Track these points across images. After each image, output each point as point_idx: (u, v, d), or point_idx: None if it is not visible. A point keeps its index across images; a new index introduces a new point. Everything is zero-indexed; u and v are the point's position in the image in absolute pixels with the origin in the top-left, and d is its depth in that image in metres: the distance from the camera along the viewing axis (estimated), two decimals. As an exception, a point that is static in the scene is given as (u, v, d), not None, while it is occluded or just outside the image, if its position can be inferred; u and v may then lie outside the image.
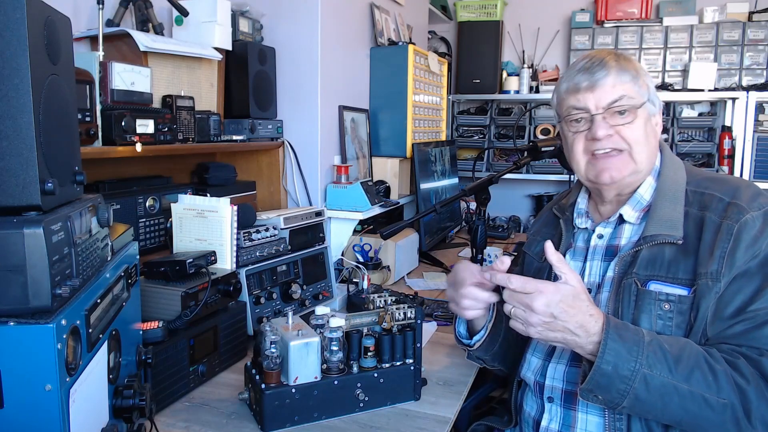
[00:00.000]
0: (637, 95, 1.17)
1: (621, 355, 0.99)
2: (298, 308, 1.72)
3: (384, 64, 2.50)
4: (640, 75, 1.18)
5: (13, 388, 0.70)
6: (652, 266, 1.12)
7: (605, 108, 1.16)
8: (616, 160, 1.18)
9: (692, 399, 0.99)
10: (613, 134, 1.16)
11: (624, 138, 1.16)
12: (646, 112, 1.19)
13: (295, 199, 2.15)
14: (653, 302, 1.09)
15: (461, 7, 3.82)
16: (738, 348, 1.04)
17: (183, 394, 1.30)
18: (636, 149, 1.17)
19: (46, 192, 0.75)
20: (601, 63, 1.17)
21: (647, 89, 1.19)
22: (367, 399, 1.24)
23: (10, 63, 0.72)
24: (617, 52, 1.22)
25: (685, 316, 1.08)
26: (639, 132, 1.17)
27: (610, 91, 1.16)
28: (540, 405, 1.22)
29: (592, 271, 1.22)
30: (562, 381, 1.18)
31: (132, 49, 1.53)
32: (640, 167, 1.18)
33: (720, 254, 1.06)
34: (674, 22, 3.51)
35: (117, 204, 1.48)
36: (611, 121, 1.16)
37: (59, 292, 0.72)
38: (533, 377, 1.24)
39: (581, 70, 1.19)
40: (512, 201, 3.93)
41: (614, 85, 1.16)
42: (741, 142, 3.34)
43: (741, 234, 1.06)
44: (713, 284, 1.05)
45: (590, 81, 1.17)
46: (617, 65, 1.17)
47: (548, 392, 1.20)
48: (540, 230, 1.43)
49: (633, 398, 1.00)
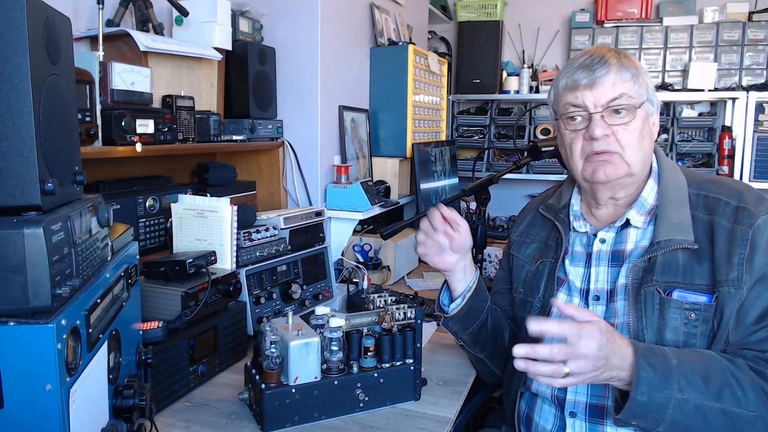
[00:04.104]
0: (637, 94, 1.15)
1: (654, 385, 0.99)
2: (298, 308, 1.72)
3: (384, 64, 2.50)
4: (640, 73, 1.16)
5: (13, 388, 0.70)
6: (669, 272, 1.10)
7: (604, 106, 1.14)
8: (609, 159, 1.16)
9: (724, 416, 0.99)
10: (610, 134, 1.15)
11: (618, 140, 1.15)
12: (645, 111, 1.17)
13: (295, 199, 2.15)
14: (679, 311, 1.07)
15: (461, 7, 3.82)
16: (762, 354, 1.05)
17: (183, 394, 1.30)
18: (628, 153, 1.15)
19: (46, 192, 0.75)
20: (601, 60, 1.15)
21: (646, 88, 1.17)
22: (367, 399, 1.24)
23: (10, 63, 0.72)
24: (617, 49, 1.20)
25: (708, 324, 1.07)
26: (635, 134, 1.15)
27: (610, 89, 1.14)
28: (560, 420, 1.19)
29: (599, 277, 1.20)
30: (586, 395, 1.16)
31: (132, 49, 1.53)
32: (633, 170, 1.17)
33: (738, 261, 1.05)
34: (674, 22, 3.51)
35: (117, 204, 1.48)
36: (609, 120, 1.14)
37: (59, 292, 0.72)
38: (550, 391, 1.21)
39: (581, 67, 1.16)
40: (512, 201, 3.92)
41: (614, 83, 1.14)
42: (741, 142, 3.34)
43: (756, 239, 1.06)
44: (736, 291, 1.05)
45: (590, 78, 1.14)
46: (618, 63, 1.15)
47: (570, 407, 1.17)
48: (527, 232, 1.39)
49: (669, 423, 1.00)
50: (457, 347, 1.57)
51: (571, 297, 1.24)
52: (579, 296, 1.23)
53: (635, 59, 1.20)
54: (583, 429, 1.15)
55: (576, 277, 1.24)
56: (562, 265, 1.26)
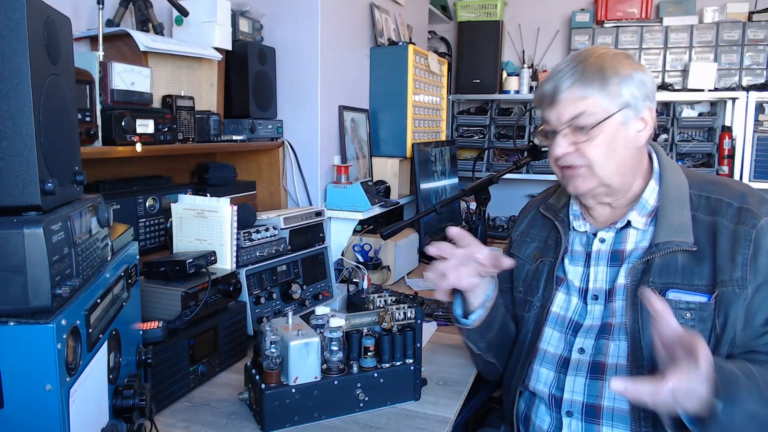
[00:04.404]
0: (600, 109, 1.11)
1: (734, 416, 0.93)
2: (298, 308, 1.72)
3: (384, 64, 2.50)
4: (609, 83, 1.10)
5: (13, 388, 0.70)
6: (667, 273, 1.10)
7: (565, 124, 1.13)
8: (576, 173, 1.16)
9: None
10: (572, 151, 1.14)
11: (583, 154, 1.13)
12: (617, 121, 1.12)
13: (295, 199, 2.15)
14: (674, 311, 1.05)
15: (461, 7, 3.82)
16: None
17: (183, 394, 1.30)
18: (596, 167, 1.13)
19: (46, 192, 0.75)
20: (563, 74, 1.12)
21: (621, 95, 1.11)
22: (367, 399, 1.24)
23: (10, 63, 0.72)
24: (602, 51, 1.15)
25: (706, 324, 1.06)
26: (600, 148, 1.12)
27: (571, 107, 1.12)
28: (557, 419, 1.19)
29: (598, 276, 1.20)
30: (583, 394, 1.15)
31: (132, 49, 1.53)
32: (606, 181, 1.15)
33: (742, 261, 1.05)
34: (674, 22, 3.51)
35: (117, 204, 1.48)
36: (572, 137, 1.13)
37: (59, 292, 0.72)
38: (547, 390, 1.21)
39: (551, 77, 1.16)
40: (512, 201, 3.91)
41: (574, 99, 1.11)
42: (741, 142, 3.34)
43: (760, 240, 1.06)
44: (740, 291, 1.04)
45: (551, 94, 1.14)
46: (582, 76, 1.11)
47: (567, 406, 1.17)
48: (528, 231, 1.39)
49: None
50: (457, 347, 1.57)
51: (570, 296, 1.24)
52: (578, 295, 1.23)
53: (614, 63, 1.12)
54: (579, 429, 1.15)
55: (575, 277, 1.24)
56: (561, 265, 1.27)
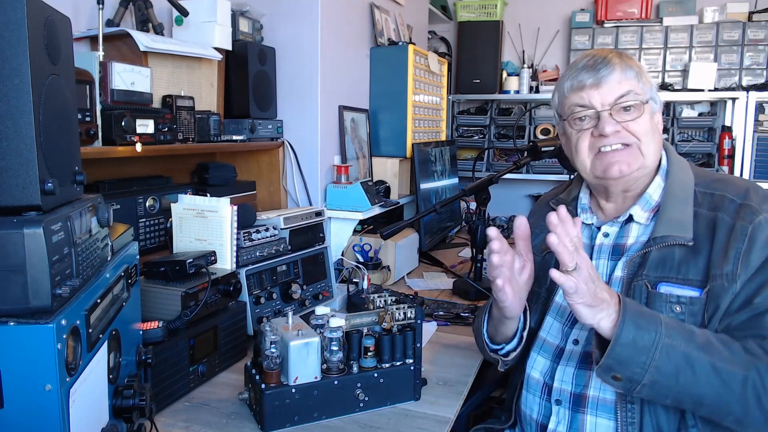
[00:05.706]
0: (642, 91, 1.18)
1: (641, 325, 0.97)
2: (298, 308, 1.72)
3: (384, 64, 2.50)
4: (642, 73, 1.19)
5: (13, 388, 0.70)
6: (662, 267, 1.12)
7: (611, 104, 1.16)
8: (624, 153, 1.17)
9: (714, 371, 0.97)
10: (620, 130, 1.17)
11: (632, 132, 1.17)
12: (651, 108, 1.20)
13: (295, 199, 2.15)
14: (664, 304, 1.08)
15: (461, 7, 3.82)
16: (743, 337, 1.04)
17: (183, 394, 1.30)
18: (645, 142, 1.17)
19: (46, 192, 0.75)
20: (604, 60, 1.18)
21: (650, 87, 1.20)
22: (367, 399, 1.24)
23: (10, 63, 0.72)
24: (618, 50, 1.23)
25: (696, 318, 1.07)
26: (646, 126, 1.17)
27: (617, 87, 1.16)
28: (547, 408, 1.21)
29: (599, 269, 1.22)
30: (571, 383, 1.18)
31: (132, 49, 1.53)
32: (647, 162, 1.19)
33: (735, 255, 1.06)
34: (674, 22, 3.51)
35: (117, 204, 1.48)
36: (618, 117, 1.16)
37: (59, 292, 0.72)
38: (541, 378, 1.23)
39: (585, 68, 1.19)
40: (512, 201, 3.92)
41: (620, 81, 1.16)
42: (741, 142, 3.34)
43: (755, 235, 1.06)
44: (729, 285, 1.05)
45: (595, 78, 1.17)
46: (621, 62, 1.18)
47: (556, 395, 1.19)
48: (538, 223, 1.40)
49: (655, 372, 0.97)
50: (457, 347, 1.58)
51: None
52: None
53: (636, 60, 1.23)
54: (566, 417, 1.18)
55: None
56: None
